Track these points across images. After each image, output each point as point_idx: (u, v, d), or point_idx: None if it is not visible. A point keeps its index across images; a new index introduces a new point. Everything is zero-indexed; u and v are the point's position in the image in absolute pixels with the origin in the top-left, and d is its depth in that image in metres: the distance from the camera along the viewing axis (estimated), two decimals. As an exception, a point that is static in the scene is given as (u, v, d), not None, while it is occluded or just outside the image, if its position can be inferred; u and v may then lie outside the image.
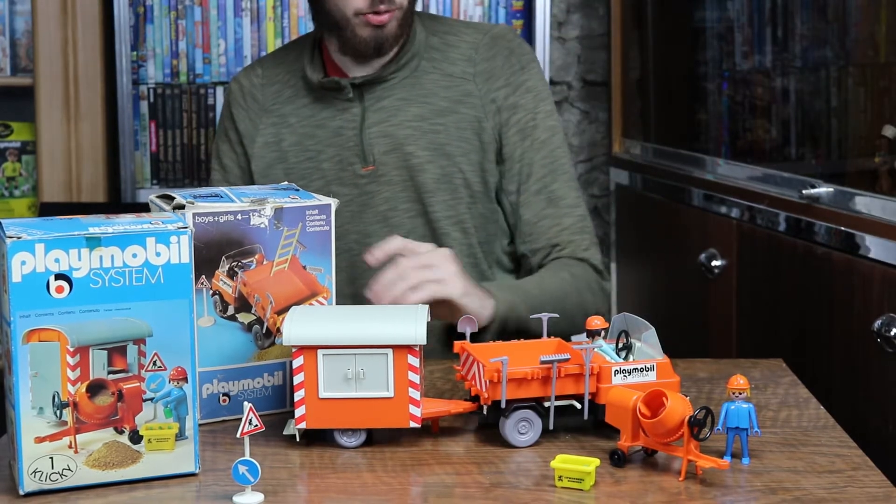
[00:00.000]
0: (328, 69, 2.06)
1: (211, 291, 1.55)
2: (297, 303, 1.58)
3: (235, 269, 1.55)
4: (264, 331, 1.58)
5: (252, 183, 2.07)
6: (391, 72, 2.01)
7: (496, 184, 2.04)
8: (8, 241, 1.28)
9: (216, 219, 1.53)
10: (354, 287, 1.99)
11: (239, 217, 1.54)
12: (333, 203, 1.59)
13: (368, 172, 2.00)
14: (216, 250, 1.54)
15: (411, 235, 1.98)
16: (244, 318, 1.57)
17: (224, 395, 1.57)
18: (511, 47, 2.06)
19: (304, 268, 1.59)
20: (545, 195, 2.02)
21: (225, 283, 1.55)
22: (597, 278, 2.01)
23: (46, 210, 2.84)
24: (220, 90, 3.04)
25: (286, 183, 1.73)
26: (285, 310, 1.55)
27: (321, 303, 1.60)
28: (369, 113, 2.01)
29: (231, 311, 1.56)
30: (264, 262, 1.56)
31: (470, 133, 2.01)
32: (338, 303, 2.00)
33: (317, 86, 2.03)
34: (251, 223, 1.55)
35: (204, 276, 1.54)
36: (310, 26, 3.02)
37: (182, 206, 1.53)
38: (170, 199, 1.56)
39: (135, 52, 3.01)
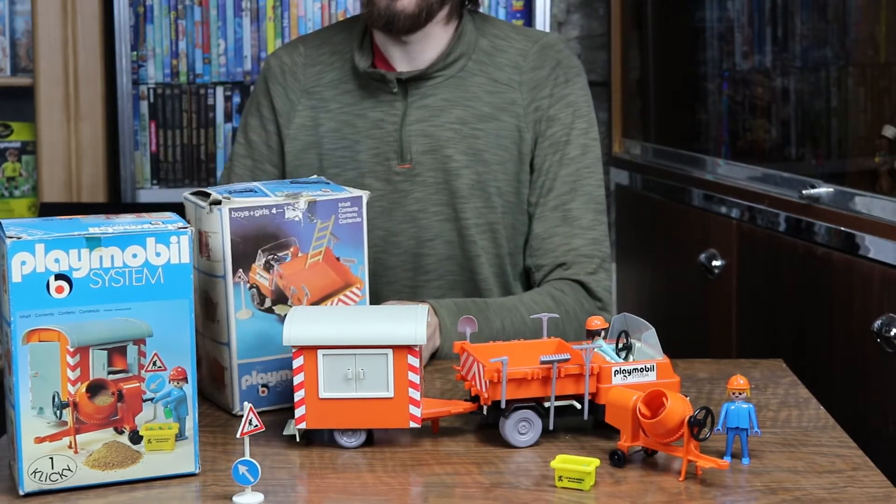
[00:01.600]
0: (376, 59, 2.02)
1: (248, 285, 1.56)
2: (332, 294, 1.60)
3: (272, 262, 1.57)
4: None
5: (278, 163, 2.05)
6: (437, 69, 1.98)
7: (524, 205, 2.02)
8: (8, 241, 1.28)
9: (252, 213, 1.55)
10: (375, 285, 1.97)
11: (274, 211, 1.56)
12: (365, 195, 1.61)
13: (404, 170, 1.97)
14: (252, 244, 1.56)
15: (439, 239, 1.98)
16: (281, 310, 1.58)
17: (263, 386, 1.58)
18: (559, 58, 2.01)
19: (338, 259, 1.60)
20: (561, 212, 1.98)
21: (262, 276, 1.57)
22: (590, 305, 1.95)
23: (46, 210, 2.84)
24: (220, 90, 3.04)
25: (316, 177, 1.74)
26: (321, 301, 1.59)
27: (356, 293, 1.61)
28: (412, 110, 1.98)
29: (268, 303, 1.58)
30: (299, 255, 1.58)
31: (509, 142, 1.98)
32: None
33: (362, 74, 2.00)
34: (286, 217, 1.56)
35: (241, 270, 1.55)
36: (310, 26, 3.03)
37: (218, 202, 1.54)
38: (205, 195, 1.57)
39: (135, 52, 3.01)
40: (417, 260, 1.99)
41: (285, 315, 1.57)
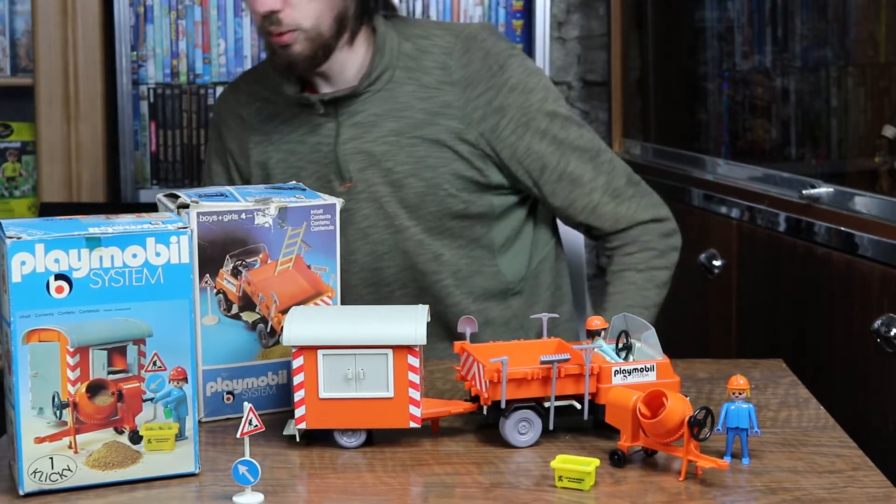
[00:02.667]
0: (304, 85, 2.01)
1: (215, 290, 1.55)
2: (302, 302, 1.58)
3: (239, 268, 1.56)
4: (268, 329, 1.59)
5: None
6: (364, 86, 1.96)
7: (497, 190, 2.01)
8: (8, 241, 1.28)
9: (220, 218, 1.53)
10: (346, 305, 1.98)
11: (243, 216, 1.55)
12: (338, 203, 1.59)
13: (346, 189, 1.97)
14: (220, 249, 1.54)
15: (395, 251, 1.98)
16: (248, 316, 1.57)
17: (228, 393, 1.58)
18: (486, 48, 1.98)
19: (309, 267, 1.59)
20: (566, 180, 1.98)
21: (229, 281, 1.55)
22: (660, 239, 2.01)
23: (46, 210, 2.84)
24: (220, 90, 3.04)
25: (293, 182, 1.73)
26: (289, 309, 1.55)
27: (326, 302, 1.60)
28: (343, 129, 1.97)
29: (235, 309, 1.57)
30: (268, 262, 1.57)
31: (451, 144, 1.96)
32: None
33: (292, 102, 2.00)
34: (255, 222, 1.55)
35: (208, 275, 1.54)
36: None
37: (186, 206, 1.53)
38: (176, 197, 1.57)
39: (135, 52, 3.01)
40: (377, 274, 2.00)
41: (252, 322, 1.57)
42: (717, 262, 2.46)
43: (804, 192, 2.13)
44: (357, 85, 1.96)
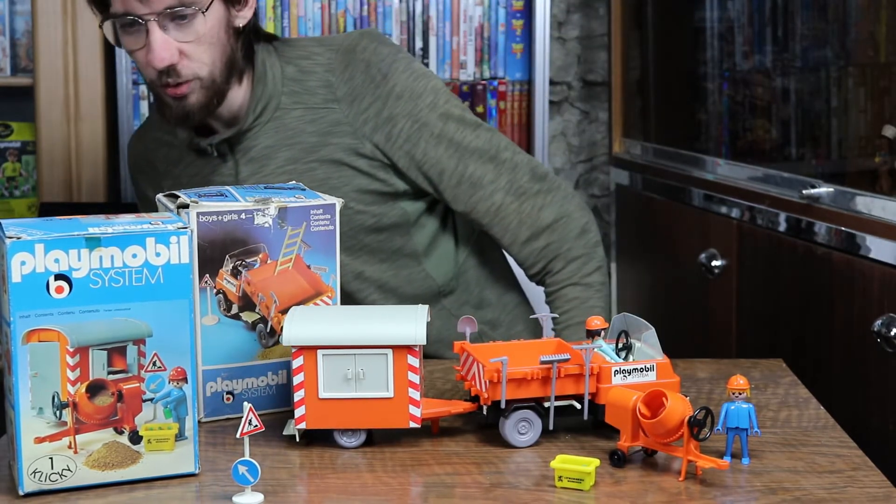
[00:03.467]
0: (196, 128, 1.97)
1: (215, 290, 1.55)
2: (302, 302, 1.58)
3: (239, 269, 1.56)
4: (268, 329, 1.59)
5: None
6: (251, 121, 1.92)
7: (405, 197, 1.98)
8: (8, 241, 1.28)
9: (220, 218, 1.53)
10: None
11: (243, 216, 1.55)
12: (338, 202, 1.60)
13: None
14: (220, 249, 1.54)
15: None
16: (248, 316, 1.57)
17: (228, 393, 1.58)
18: (366, 58, 1.93)
19: (309, 267, 1.59)
20: (466, 183, 1.94)
21: (229, 281, 1.55)
22: (580, 248, 1.97)
23: (46, 210, 2.84)
24: (220, 90, 3.04)
25: (293, 182, 1.73)
26: (289, 309, 1.55)
27: (326, 302, 1.60)
28: (241, 166, 1.94)
29: (235, 309, 1.57)
30: (268, 262, 1.57)
31: (348, 161, 1.92)
32: None
33: (190, 147, 1.97)
34: (255, 222, 1.55)
35: (208, 275, 1.54)
36: (310, 26, 3.03)
37: (186, 206, 1.53)
38: (176, 197, 1.57)
39: (135, 52, 3.01)
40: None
41: (252, 322, 1.57)
42: (717, 262, 2.46)
43: (804, 192, 2.13)
44: (243, 121, 1.92)
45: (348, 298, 1.97)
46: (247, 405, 1.31)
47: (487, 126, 1.98)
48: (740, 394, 1.38)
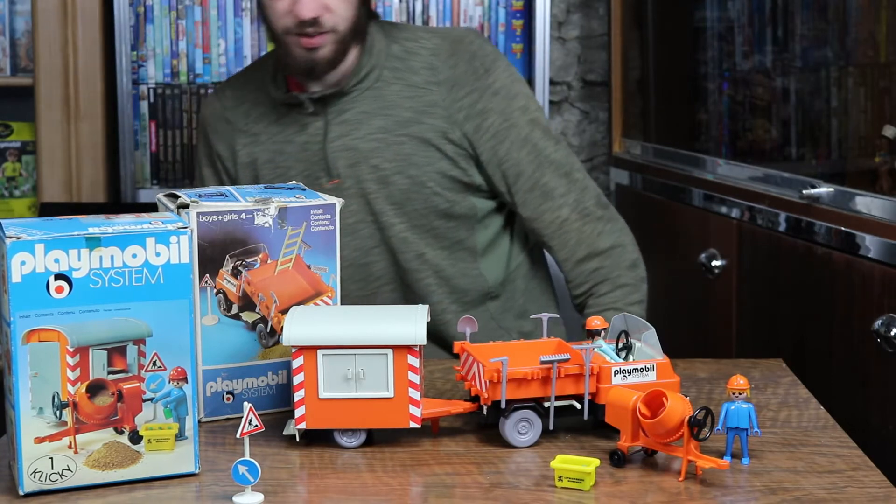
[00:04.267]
0: (291, 85, 2.05)
1: (215, 290, 1.55)
2: (302, 302, 1.58)
3: (239, 268, 1.56)
4: (268, 329, 1.59)
5: None
6: (352, 85, 1.99)
7: (478, 192, 2.04)
8: (8, 241, 1.28)
9: (220, 218, 1.53)
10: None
11: (243, 216, 1.55)
12: (338, 203, 1.60)
13: (334, 186, 2.00)
14: (220, 249, 1.54)
15: (382, 246, 2.01)
16: (248, 316, 1.57)
17: (228, 393, 1.58)
18: (472, 50, 2.02)
19: (309, 267, 1.59)
20: (538, 191, 2.01)
21: (229, 281, 1.55)
22: (630, 277, 2.03)
23: (46, 210, 2.84)
24: (220, 90, 3.04)
25: (294, 182, 1.74)
26: (289, 309, 1.55)
27: (326, 302, 1.60)
28: (332, 126, 2.00)
29: (235, 309, 1.57)
30: (268, 262, 1.57)
31: (435, 143, 1.99)
32: None
33: (280, 102, 2.03)
34: (255, 222, 1.55)
35: (208, 275, 1.54)
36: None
37: (186, 206, 1.53)
38: (176, 197, 1.57)
39: (135, 52, 3.01)
40: (364, 270, 2.02)
41: (252, 322, 1.57)
42: (717, 262, 2.46)
43: (804, 191, 2.13)
44: (345, 84, 1.99)
45: (405, 276, 2.02)
46: (247, 405, 1.31)
47: (566, 144, 2.07)
48: (740, 394, 1.38)
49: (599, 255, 2.03)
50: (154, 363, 1.34)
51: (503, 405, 1.43)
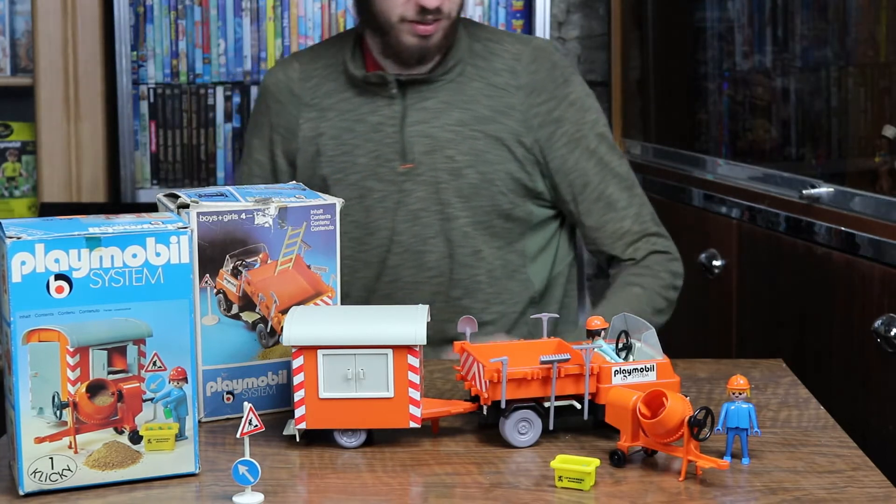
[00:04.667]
0: (368, 66, 2.07)
1: (215, 290, 1.55)
2: (302, 302, 1.58)
3: (239, 269, 1.56)
4: (268, 329, 1.59)
5: (285, 177, 2.11)
6: (438, 74, 2.03)
7: (538, 199, 2.07)
8: (8, 241, 1.28)
9: (220, 218, 1.53)
10: (377, 283, 2.04)
11: (243, 216, 1.55)
12: (338, 203, 1.60)
13: (407, 170, 2.02)
14: (220, 249, 1.54)
15: (440, 237, 2.02)
16: (248, 316, 1.57)
17: (228, 393, 1.58)
18: (553, 60, 2.08)
19: (309, 267, 1.59)
20: (603, 202, 2.06)
21: (229, 281, 1.55)
22: (669, 275, 2.05)
23: (46, 210, 2.84)
24: (220, 90, 3.04)
25: (294, 182, 1.74)
26: (289, 309, 1.55)
27: (326, 302, 1.60)
28: (411, 111, 2.03)
29: (235, 309, 1.57)
30: (268, 262, 1.57)
31: (508, 144, 2.03)
32: (363, 300, 2.03)
33: (360, 80, 2.05)
34: (255, 222, 1.55)
35: (208, 275, 1.54)
36: (310, 26, 3.03)
37: (186, 206, 1.53)
38: (176, 197, 1.57)
39: (135, 52, 3.01)
40: (419, 258, 2.03)
41: (252, 322, 1.57)
42: (717, 262, 2.46)
43: (804, 192, 2.13)
44: (431, 71, 2.03)
45: (457, 270, 2.04)
46: (247, 405, 1.31)
47: (627, 161, 2.13)
48: (740, 394, 1.38)
49: (651, 254, 2.07)
50: (154, 363, 1.34)
51: (503, 405, 1.43)
